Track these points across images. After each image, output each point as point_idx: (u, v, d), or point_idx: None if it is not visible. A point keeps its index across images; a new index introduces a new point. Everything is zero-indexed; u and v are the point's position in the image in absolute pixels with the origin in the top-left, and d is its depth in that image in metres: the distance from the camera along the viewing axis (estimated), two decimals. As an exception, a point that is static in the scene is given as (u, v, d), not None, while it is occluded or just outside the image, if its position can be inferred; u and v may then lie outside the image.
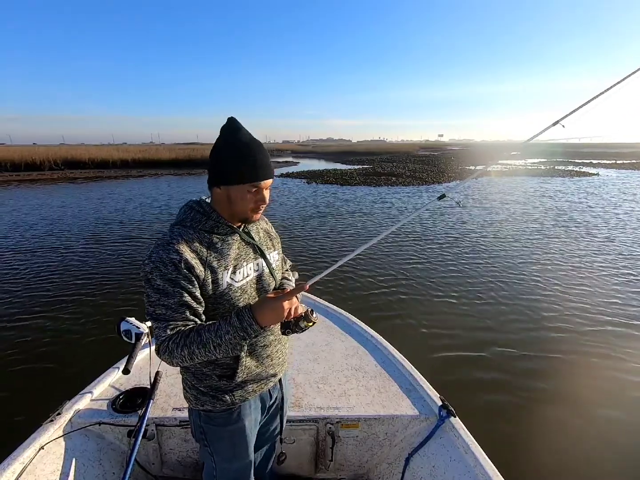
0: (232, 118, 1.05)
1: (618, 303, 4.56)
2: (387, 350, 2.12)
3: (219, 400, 1.14)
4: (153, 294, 0.96)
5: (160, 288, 0.96)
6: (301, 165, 31.90)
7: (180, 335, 0.96)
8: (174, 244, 0.97)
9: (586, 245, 7.09)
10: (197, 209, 1.06)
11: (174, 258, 0.95)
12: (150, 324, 1.64)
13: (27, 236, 7.94)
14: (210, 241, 1.04)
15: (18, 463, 1.33)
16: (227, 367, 1.13)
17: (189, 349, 0.95)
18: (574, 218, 9.68)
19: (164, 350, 0.97)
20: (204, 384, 1.13)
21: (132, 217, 10.06)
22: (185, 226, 1.04)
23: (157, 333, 0.98)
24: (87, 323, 4.04)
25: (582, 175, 21.97)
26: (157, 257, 0.96)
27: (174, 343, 0.96)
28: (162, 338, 0.97)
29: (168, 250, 0.96)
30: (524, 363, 3.37)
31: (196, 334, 0.96)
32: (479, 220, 9.52)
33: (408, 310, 4.42)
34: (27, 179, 20.86)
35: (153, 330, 1.01)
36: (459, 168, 25.59)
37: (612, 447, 2.48)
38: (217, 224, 1.06)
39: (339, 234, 8.10)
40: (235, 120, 1.04)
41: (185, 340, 0.95)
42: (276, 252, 1.26)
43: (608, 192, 14.87)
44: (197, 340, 0.95)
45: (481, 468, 1.36)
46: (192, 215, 1.05)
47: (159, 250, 0.96)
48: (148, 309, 0.99)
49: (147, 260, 0.96)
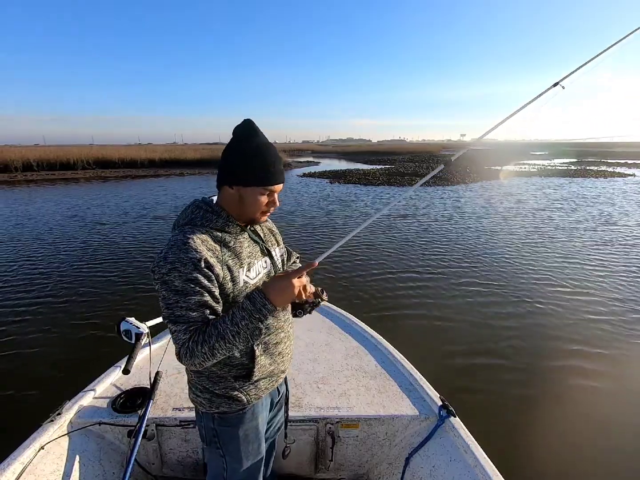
0: (249, 120, 1.05)
1: (621, 306, 4.42)
2: (387, 350, 2.12)
3: (235, 401, 1.14)
4: (171, 295, 0.94)
5: (179, 289, 0.93)
6: (322, 165, 32.01)
7: (198, 333, 0.94)
8: (191, 243, 0.95)
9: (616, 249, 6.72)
10: (206, 208, 1.04)
11: (194, 257, 0.93)
12: (150, 324, 1.65)
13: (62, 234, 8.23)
14: (223, 240, 1.04)
15: (18, 463, 1.34)
16: (242, 367, 1.12)
17: (209, 344, 0.93)
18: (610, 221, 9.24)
19: (185, 352, 0.94)
20: (219, 387, 1.12)
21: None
22: (196, 225, 1.02)
23: (176, 337, 0.95)
24: (88, 323, 4.07)
25: (617, 176, 20.98)
26: (174, 257, 0.93)
27: (194, 342, 0.94)
28: (182, 340, 0.94)
29: (186, 249, 0.93)
30: (524, 363, 3.35)
31: (213, 328, 0.94)
32: (486, 221, 9.29)
33: (408, 310, 4.42)
34: (62, 177, 21.91)
35: (172, 334, 0.96)
36: (484, 168, 24.96)
37: (612, 447, 2.47)
38: (227, 223, 1.05)
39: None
40: (252, 122, 1.04)
41: (204, 336, 0.94)
42: (279, 248, 1.27)
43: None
44: (215, 333, 0.93)
45: (481, 468, 1.35)
46: (201, 215, 1.03)
47: (175, 250, 0.94)
48: (165, 312, 0.96)
49: (163, 262, 0.93)
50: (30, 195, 14.95)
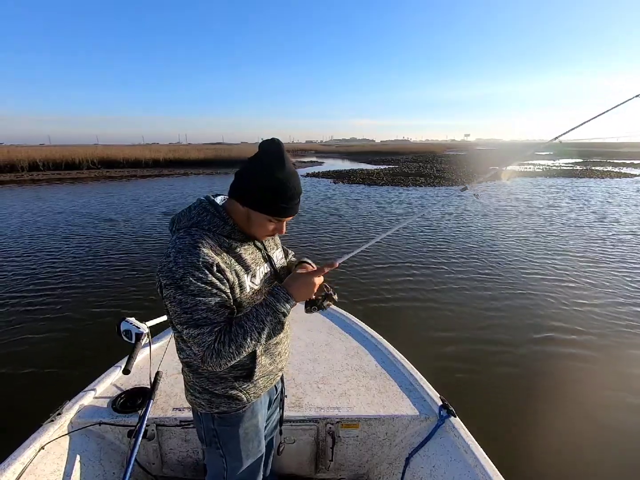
0: (278, 144, 0.97)
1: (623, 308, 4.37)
2: (387, 350, 2.12)
3: (235, 400, 1.14)
4: (189, 299, 0.92)
5: (196, 292, 0.91)
6: (326, 165, 31.92)
7: (224, 334, 0.95)
8: (201, 247, 0.94)
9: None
10: (213, 212, 1.02)
11: (207, 261, 0.92)
12: (150, 324, 1.65)
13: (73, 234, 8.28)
14: (230, 245, 1.03)
15: (18, 463, 1.35)
16: (243, 368, 1.12)
17: (236, 343, 0.94)
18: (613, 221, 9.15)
19: (211, 354, 0.93)
20: (219, 387, 1.12)
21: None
22: (204, 229, 1.00)
23: (200, 340, 0.93)
24: (88, 323, 4.07)
25: (623, 177, 20.79)
26: (186, 261, 0.91)
27: (220, 343, 0.94)
28: (208, 343, 0.93)
29: (197, 254, 0.92)
30: (524, 364, 3.34)
31: (238, 327, 0.95)
32: (492, 222, 9.21)
33: (408, 310, 4.40)
34: (68, 177, 22.03)
35: (193, 338, 0.93)
36: (488, 168, 24.76)
37: (613, 447, 2.46)
38: (233, 230, 1.04)
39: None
40: (281, 147, 0.97)
41: (230, 335, 0.94)
42: (279, 250, 1.27)
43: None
44: (242, 332, 0.95)
45: (481, 468, 1.35)
46: (208, 219, 1.01)
47: (186, 254, 0.92)
48: (183, 317, 0.93)
49: (175, 267, 0.91)
50: (38, 193, 15.11)
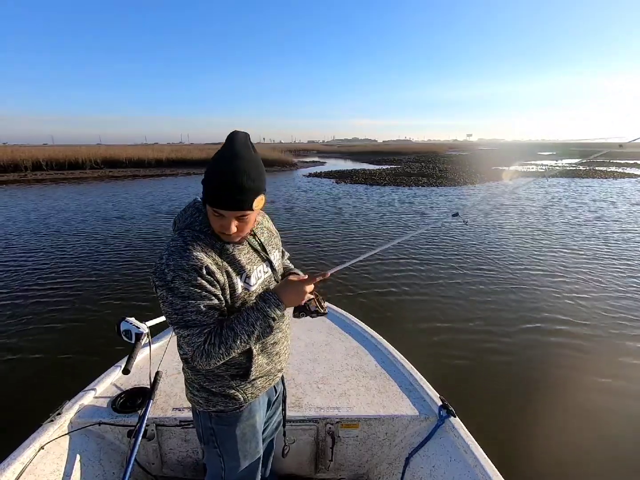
0: (232, 133, 0.95)
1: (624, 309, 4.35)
2: (387, 350, 2.12)
3: (232, 399, 1.14)
4: (179, 301, 0.93)
5: (186, 295, 0.93)
6: (328, 165, 31.94)
7: (214, 335, 0.96)
8: (191, 250, 0.94)
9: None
10: (206, 212, 1.02)
11: (195, 264, 0.93)
12: (150, 324, 1.65)
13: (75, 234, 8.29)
14: (222, 247, 1.02)
15: (18, 463, 1.35)
16: (239, 366, 1.12)
17: (226, 346, 0.96)
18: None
19: (200, 354, 0.95)
20: (216, 385, 1.12)
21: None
22: (195, 230, 1.00)
23: (189, 340, 0.95)
24: (88, 323, 4.07)
25: (627, 177, 20.69)
26: (175, 264, 0.92)
27: (210, 344, 0.95)
28: (197, 344, 0.95)
29: (187, 257, 0.93)
30: (524, 364, 3.34)
31: (229, 330, 0.97)
32: (497, 224, 9.13)
33: (408, 310, 4.39)
34: (71, 177, 22.08)
35: (183, 338, 0.96)
36: (491, 168, 24.75)
37: (613, 447, 2.46)
38: None
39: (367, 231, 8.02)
40: (234, 136, 0.94)
41: (220, 338, 0.96)
42: (277, 251, 1.26)
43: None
44: (232, 335, 0.96)
45: (481, 468, 1.35)
46: (200, 219, 1.02)
47: (176, 257, 0.93)
48: (173, 317, 0.95)
49: (166, 269, 0.92)
50: (44, 192, 15.17)
